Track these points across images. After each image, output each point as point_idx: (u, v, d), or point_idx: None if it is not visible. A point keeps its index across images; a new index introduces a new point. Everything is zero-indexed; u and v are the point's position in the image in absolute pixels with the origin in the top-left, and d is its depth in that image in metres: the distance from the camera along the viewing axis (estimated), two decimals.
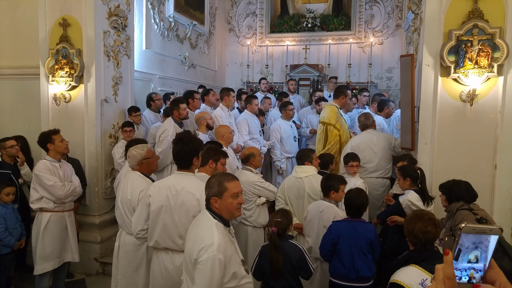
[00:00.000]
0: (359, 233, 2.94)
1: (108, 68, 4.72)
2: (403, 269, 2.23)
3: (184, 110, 4.65)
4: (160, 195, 2.67)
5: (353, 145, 4.49)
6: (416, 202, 3.30)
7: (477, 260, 0.80)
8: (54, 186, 3.67)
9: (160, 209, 2.66)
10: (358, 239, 2.93)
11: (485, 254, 0.79)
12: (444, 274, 0.80)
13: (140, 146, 3.20)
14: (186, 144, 2.70)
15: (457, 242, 0.80)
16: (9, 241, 3.70)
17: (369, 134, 4.51)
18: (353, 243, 2.93)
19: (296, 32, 9.14)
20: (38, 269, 3.74)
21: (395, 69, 8.48)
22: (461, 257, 0.80)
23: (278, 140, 5.76)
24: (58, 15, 4.54)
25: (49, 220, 3.74)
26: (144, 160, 3.18)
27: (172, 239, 2.65)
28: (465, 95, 3.54)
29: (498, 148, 3.50)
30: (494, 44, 3.39)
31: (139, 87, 6.04)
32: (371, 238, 2.94)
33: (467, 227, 0.78)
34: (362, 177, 4.27)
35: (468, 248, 0.79)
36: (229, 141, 4.38)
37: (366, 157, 4.38)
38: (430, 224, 2.29)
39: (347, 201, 3.06)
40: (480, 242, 0.79)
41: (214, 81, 9.03)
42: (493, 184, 3.52)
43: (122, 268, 3.16)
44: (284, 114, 5.85)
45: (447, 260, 0.80)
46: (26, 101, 5.10)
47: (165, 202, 2.65)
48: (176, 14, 7.19)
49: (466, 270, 0.80)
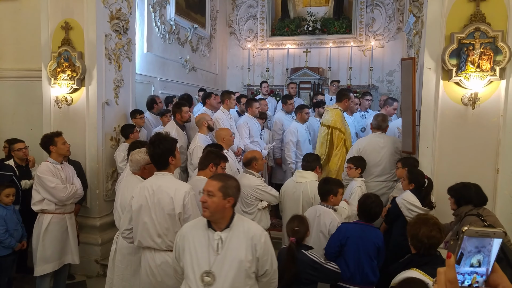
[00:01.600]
0: (368, 237, 2.93)
1: (109, 71, 4.73)
2: (404, 272, 2.22)
3: (186, 113, 4.72)
4: (139, 195, 2.75)
5: (359, 147, 4.40)
6: (413, 202, 3.29)
7: (480, 264, 0.79)
8: (56, 188, 3.68)
9: (139, 208, 2.74)
10: (366, 243, 2.91)
11: (488, 258, 0.79)
12: (446, 277, 0.79)
13: (143, 150, 3.20)
14: (157, 146, 2.73)
15: (459, 246, 0.79)
16: (9, 243, 3.71)
17: (376, 137, 4.42)
18: (361, 247, 2.92)
19: (297, 35, 9.16)
20: (39, 271, 3.74)
21: (396, 73, 8.48)
22: (463, 261, 0.79)
23: (294, 143, 5.66)
24: (60, 18, 4.56)
25: (50, 222, 3.75)
26: (147, 165, 3.16)
27: (151, 238, 2.72)
28: (467, 98, 3.53)
29: (500, 152, 3.49)
30: (496, 47, 3.39)
31: (140, 90, 6.05)
32: (379, 244, 2.94)
33: (470, 230, 0.78)
34: (369, 181, 4.24)
35: (471, 252, 0.79)
36: (229, 143, 4.39)
37: (372, 160, 4.27)
38: (435, 229, 2.28)
39: (366, 207, 3.00)
40: (483, 246, 0.78)
41: (215, 84, 9.04)
42: (495, 188, 3.51)
43: (119, 272, 3.15)
44: (300, 117, 5.77)
45: (449, 264, 0.80)
46: (28, 103, 5.12)
47: (144, 202, 2.72)
48: (177, 17, 7.21)
49: (469, 274, 0.79)
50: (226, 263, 2.13)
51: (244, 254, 2.14)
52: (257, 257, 2.17)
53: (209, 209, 2.13)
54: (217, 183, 2.18)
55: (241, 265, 2.13)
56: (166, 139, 2.80)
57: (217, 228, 2.18)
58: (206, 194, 2.16)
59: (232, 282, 2.11)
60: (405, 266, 2.31)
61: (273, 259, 2.27)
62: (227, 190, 2.17)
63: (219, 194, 2.14)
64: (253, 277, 2.21)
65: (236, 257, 2.13)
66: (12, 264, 3.91)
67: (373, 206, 2.99)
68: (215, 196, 2.13)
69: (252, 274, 2.18)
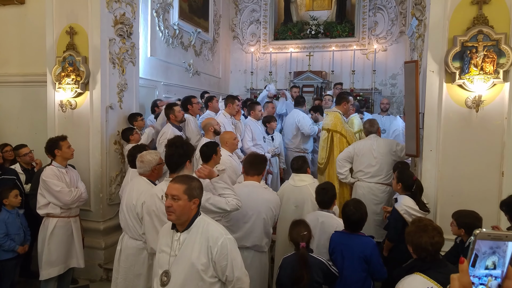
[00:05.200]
0: (354, 246, 2.80)
1: (113, 75, 4.75)
2: (407, 277, 2.19)
3: (179, 112, 4.75)
4: (151, 202, 2.76)
5: (355, 147, 4.57)
6: (414, 206, 3.30)
7: (495, 267, 0.77)
8: (62, 192, 3.69)
9: (151, 215, 2.75)
10: (352, 253, 2.79)
11: (503, 260, 0.77)
12: (460, 283, 0.77)
13: (153, 151, 3.24)
14: (180, 147, 2.75)
15: (472, 249, 0.77)
16: (9, 246, 3.73)
17: (371, 140, 4.55)
18: (346, 257, 2.80)
19: (300, 39, 9.18)
20: (44, 275, 3.74)
21: (399, 76, 8.47)
22: (478, 263, 0.77)
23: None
24: (65, 23, 4.60)
25: (56, 225, 3.76)
26: (157, 166, 3.19)
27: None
28: (471, 101, 3.51)
29: (505, 154, 3.46)
30: (500, 50, 3.38)
31: (144, 94, 6.08)
32: (365, 254, 2.77)
33: (482, 233, 0.76)
34: (362, 182, 4.44)
35: (485, 254, 0.77)
36: (233, 147, 4.39)
37: (365, 162, 4.44)
38: (436, 235, 2.26)
39: (345, 215, 2.90)
40: (498, 247, 0.76)
41: (218, 88, 9.06)
42: (500, 191, 3.47)
43: (122, 272, 3.17)
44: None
45: (462, 269, 0.77)
46: (33, 108, 5.16)
47: (155, 209, 2.73)
48: (181, 22, 7.26)
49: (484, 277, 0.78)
50: (180, 264, 2.13)
51: (197, 256, 2.11)
52: (214, 261, 2.12)
53: (175, 213, 2.11)
54: (181, 186, 2.13)
55: (192, 267, 2.11)
56: (187, 143, 2.86)
57: (179, 228, 2.18)
58: (170, 198, 2.11)
59: (183, 283, 2.10)
60: (408, 270, 2.28)
61: (236, 265, 2.16)
62: (191, 192, 2.14)
63: (185, 197, 2.11)
64: (211, 281, 2.14)
65: (188, 259, 2.12)
66: (14, 268, 3.92)
67: (350, 214, 2.85)
68: (181, 199, 2.10)
69: (209, 278, 2.12)
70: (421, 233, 2.26)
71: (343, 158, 4.59)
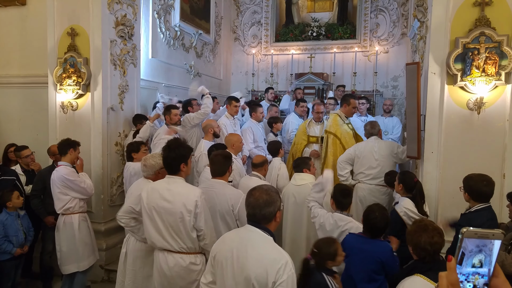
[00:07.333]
0: (371, 251, 2.71)
1: (114, 77, 4.76)
2: (408, 279, 2.19)
3: (175, 115, 4.90)
4: (150, 197, 2.78)
5: (355, 149, 4.58)
6: (413, 209, 3.28)
7: (482, 265, 0.78)
8: (87, 185, 3.89)
9: (151, 210, 2.76)
10: (368, 257, 2.70)
11: (490, 258, 0.78)
12: (448, 281, 0.78)
13: (157, 155, 3.25)
14: (173, 150, 2.77)
15: (459, 247, 0.78)
16: (6, 247, 3.74)
17: (372, 142, 4.56)
18: (362, 261, 2.71)
19: (301, 41, 9.17)
20: (81, 266, 3.90)
21: (400, 78, 8.46)
22: (465, 261, 0.78)
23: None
24: (67, 24, 4.62)
25: (79, 220, 3.90)
26: (161, 169, 3.18)
27: (165, 239, 2.76)
28: (472, 103, 3.51)
29: (507, 157, 3.46)
30: (502, 52, 3.37)
31: (145, 95, 6.09)
32: (382, 259, 2.68)
33: (469, 231, 0.77)
34: (363, 184, 4.43)
35: (472, 252, 0.78)
36: (238, 150, 4.43)
37: (366, 163, 4.44)
38: (435, 235, 2.25)
39: (370, 222, 2.76)
40: (484, 245, 0.77)
41: (219, 89, 9.07)
42: (502, 193, 3.46)
43: (130, 274, 3.17)
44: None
45: (450, 267, 0.79)
46: (34, 109, 5.17)
47: (155, 204, 2.75)
48: (182, 23, 7.26)
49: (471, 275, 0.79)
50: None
51: None
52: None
53: None
54: None
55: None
56: (182, 145, 2.85)
57: None
58: None
59: None
60: (409, 272, 2.28)
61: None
62: None
63: None
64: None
65: None
66: (14, 269, 3.92)
67: (375, 221, 2.73)
68: None
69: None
70: (421, 232, 2.26)
71: (344, 160, 4.59)
